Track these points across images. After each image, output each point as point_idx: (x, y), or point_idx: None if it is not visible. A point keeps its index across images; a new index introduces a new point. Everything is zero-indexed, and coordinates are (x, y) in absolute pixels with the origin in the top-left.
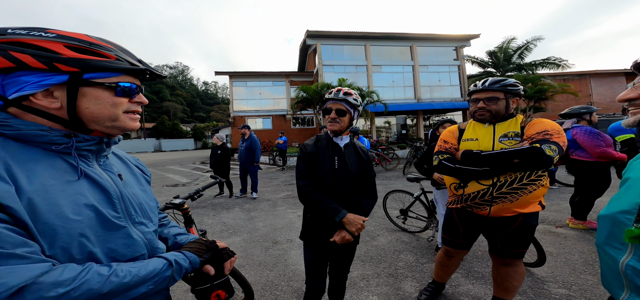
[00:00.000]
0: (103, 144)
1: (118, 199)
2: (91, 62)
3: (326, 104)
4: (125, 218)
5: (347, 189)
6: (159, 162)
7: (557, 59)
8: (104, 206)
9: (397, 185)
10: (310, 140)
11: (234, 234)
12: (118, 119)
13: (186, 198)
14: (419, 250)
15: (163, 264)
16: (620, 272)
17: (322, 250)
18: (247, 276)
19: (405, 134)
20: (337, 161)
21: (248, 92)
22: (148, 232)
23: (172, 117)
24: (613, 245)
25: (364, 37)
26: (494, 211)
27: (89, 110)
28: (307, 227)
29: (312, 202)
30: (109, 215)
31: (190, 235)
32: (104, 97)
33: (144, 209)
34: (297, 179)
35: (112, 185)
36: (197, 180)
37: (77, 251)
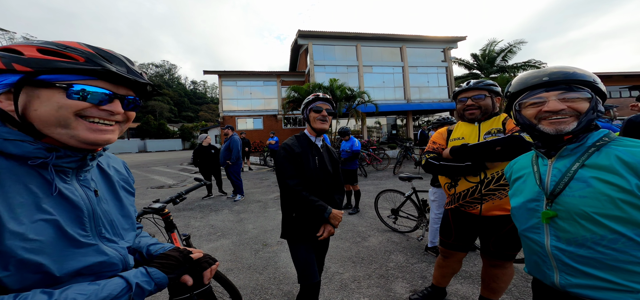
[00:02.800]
0: (87, 161)
1: (89, 217)
2: (47, 62)
3: (316, 102)
4: (94, 235)
5: (327, 187)
6: (144, 163)
7: (537, 62)
8: (71, 225)
9: (387, 184)
10: (291, 141)
11: (223, 236)
12: (69, 126)
13: (167, 202)
14: (409, 250)
15: (121, 288)
16: (548, 254)
17: (311, 245)
18: (236, 280)
19: (395, 134)
20: (317, 161)
21: (238, 92)
22: (118, 249)
23: (158, 117)
24: (533, 230)
25: (355, 38)
26: (484, 209)
27: (36, 112)
28: (293, 225)
29: (302, 201)
30: (76, 234)
31: (167, 246)
32: (54, 98)
33: (115, 225)
34: (284, 178)
35: (85, 202)
36: (184, 181)
37: (31, 272)
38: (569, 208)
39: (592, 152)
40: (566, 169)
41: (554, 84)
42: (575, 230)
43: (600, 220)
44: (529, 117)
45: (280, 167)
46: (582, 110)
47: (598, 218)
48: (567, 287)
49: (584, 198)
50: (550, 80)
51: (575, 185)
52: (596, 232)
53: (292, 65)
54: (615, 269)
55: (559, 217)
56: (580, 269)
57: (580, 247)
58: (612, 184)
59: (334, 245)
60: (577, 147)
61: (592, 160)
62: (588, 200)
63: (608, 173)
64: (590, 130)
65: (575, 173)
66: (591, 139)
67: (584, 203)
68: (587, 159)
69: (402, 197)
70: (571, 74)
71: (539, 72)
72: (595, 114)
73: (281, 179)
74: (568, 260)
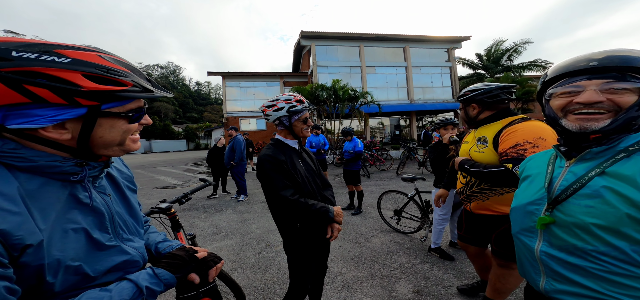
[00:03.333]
0: (107, 167)
1: (110, 221)
2: (111, 93)
3: (303, 113)
4: (114, 236)
5: (318, 187)
6: (149, 163)
7: (543, 61)
8: (96, 230)
9: (390, 185)
10: (270, 150)
11: (227, 236)
12: (124, 143)
13: (173, 202)
14: (412, 251)
15: (133, 293)
16: (536, 259)
17: (316, 253)
18: (240, 279)
19: (398, 135)
20: (302, 164)
21: (242, 93)
22: (140, 247)
23: (163, 118)
24: (525, 234)
25: (358, 38)
26: (473, 207)
27: (102, 139)
28: (300, 237)
29: (304, 209)
30: (102, 238)
31: (174, 243)
32: (119, 125)
33: (129, 225)
34: (277, 191)
35: (105, 207)
36: (188, 182)
37: (72, 274)
38: (570, 218)
39: (620, 157)
40: (582, 174)
41: (602, 71)
42: (569, 238)
43: (597, 233)
44: (555, 109)
45: (268, 181)
46: (625, 105)
47: (596, 230)
48: (550, 292)
49: (590, 209)
50: (599, 66)
51: (584, 193)
52: (590, 242)
53: (295, 66)
54: (601, 279)
55: (557, 224)
56: (566, 276)
57: (570, 254)
58: (625, 196)
59: (337, 246)
60: (605, 151)
61: (615, 167)
62: (595, 211)
63: (626, 184)
64: (628, 131)
65: (589, 181)
66: (625, 143)
67: (588, 213)
68: (610, 166)
69: (405, 198)
70: (628, 58)
71: (586, 55)
72: (637, 111)
73: (273, 193)
74: (556, 266)
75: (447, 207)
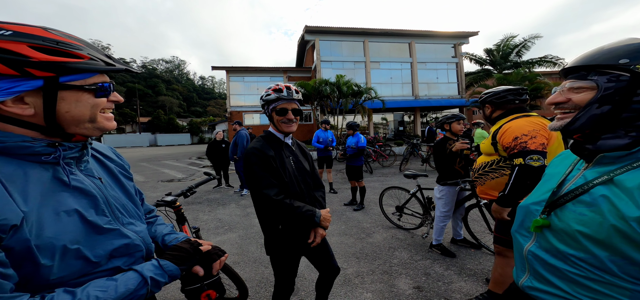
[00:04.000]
0: (85, 149)
1: (105, 204)
2: (68, 64)
3: (278, 103)
4: (114, 219)
5: (308, 187)
6: (154, 156)
7: (554, 57)
8: (92, 213)
9: (393, 181)
10: (259, 143)
11: (230, 230)
12: (96, 120)
13: (179, 195)
14: (414, 247)
15: (138, 282)
16: (523, 257)
17: (298, 254)
18: (242, 273)
19: (402, 131)
20: (293, 161)
21: (245, 88)
22: (140, 231)
23: (167, 112)
24: (522, 232)
25: (362, 33)
26: (479, 193)
27: (69, 114)
28: (280, 239)
29: (287, 211)
30: (101, 222)
31: (180, 235)
32: (85, 99)
33: (129, 209)
34: (260, 188)
35: (97, 190)
36: (193, 175)
37: (73, 258)
38: (562, 223)
39: (637, 166)
40: (589, 179)
41: (575, 71)
42: (557, 242)
43: (581, 240)
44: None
45: (252, 176)
46: (581, 103)
47: (579, 237)
48: (527, 288)
49: (582, 217)
50: (572, 66)
51: (584, 199)
52: (573, 248)
53: (299, 61)
54: (574, 282)
55: (551, 229)
56: (545, 276)
57: (553, 257)
58: (617, 208)
59: (338, 241)
60: (624, 156)
61: (623, 176)
62: (583, 219)
63: (623, 197)
64: (611, 130)
65: (591, 187)
66: None
67: (578, 221)
68: (620, 174)
69: (407, 194)
70: (597, 55)
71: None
72: (606, 108)
73: (256, 190)
74: (538, 267)
75: (449, 205)
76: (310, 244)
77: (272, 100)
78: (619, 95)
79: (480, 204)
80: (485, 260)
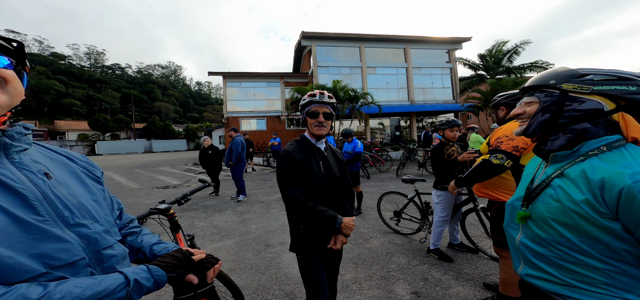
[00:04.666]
0: (2, 138)
1: (38, 201)
2: None
3: (310, 107)
4: (54, 220)
5: (335, 193)
6: (149, 163)
7: (544, 63)
8: (19, 209)
9: (390, 186)
10: (292, 146)
11: (226, 237)
12: None
13: (172, 203)
14: (411, 252)
15: (118, 283)
16: (516, 248)
17: (321, 258)
18: (238, 280)
19: (398, 136)
20: (323, 166)
21: (242, 93)
22: (87, 233)
23: (163, 118)
24: (512, 226)
25: (358, 39)
26: (474, 188)
27: None
28: (302, 238)
29: (309, 212)
30: (29, 219)
31: (169, 245)
32: None
33: (86, 208)
34: (287, 188)
35: (28, 185)
36: (188, 182)
37: None
38: (537, 212)
39: (578, 161)
40: (548, 175)
41: (528, 90)
42: (537, 230)
43: (553, 225)
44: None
45: (282, 177)
46: (532, 113)
47: (552, 222)
48: (525, 276)
49: (547, 204)
50: (524, 87)
51: (548, 192)
52: (550, 233)
53: (296, 67)
54: (558, 266)
55: (531, 218)
56: (535, 263)
57: (538, 244)
58: (568, 195)
59: None
60: (569, 155)
61: (570, 169)
62: (549, 206)
63: (571, 184)
64: (555, 132)
65: (551, 180)
66: (585, 148)
67: (547, 208)
68: (568, 168)
69: (405, 199)
70: (534, 80)
71: None
72: (547, 116)
73: (284, 190)
74: (528, 255)
75: (447, 210)
76: (330, 249)
77: (306, 104)
78: (554, 106)
79: (477, 208)
80: (482, 265)
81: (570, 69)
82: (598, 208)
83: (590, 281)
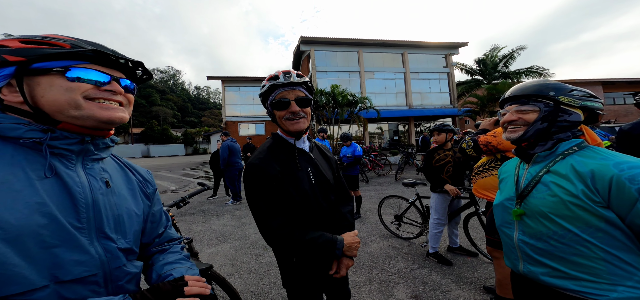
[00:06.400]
0: (88, 145)
1: (85, 207)
2: (37, 50)
3: (274, 94)
4: (89, 229)
5: (330, 204)
6: (147, 168)
7: (539, 68)
8: (64, 212)
9: (389, 190)
10: (262, 155)
11: (224, 241)
12: (81, 107)
13: (171, 206)
14: (411, 256)
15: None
16: (515, 246)
17: (319, 291)
18: (237, 284)
19: (397, 140)
20: (312, 173)
21: (241, 98)
22: (113, 249)
23: (161, 122)
24: (506, 225)
25: (357, 44)
26: (472, 189)
27: (44, 98)
28: (296, 273)
29: (298, 246)
30: (67, 223)
31: (177, 269)
32: (57, 83)
33: (122, 222)
34: (263, 216)
35: (84, 191)
36: (186, 186)
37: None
38: (532, 208)
39: (559, 159)
40: (535, 174)
41: (513, 99)
42: (536, 226)
43: (554, 218)
44: (503, 126)
45: (254, 202)
46: (530, 120)
47: (552, 216)
48: (528, 273)
49: (543, 199)
50: (509, 96)
51: (540, 188)
52: (550, 228)
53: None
54: (562, 259)
55: (526, 215)
56: (537, 259)
57: (538, 240)
58: (564, 188)
59: None
60: (548, 155)
61: (555, 167)
62: (546, 201)
63: (563, 179)
64: (547, 138)
65: (541, 178)
66: (561, 148)
67: (543, 203)
68: (552, 166)
69: (406, 203)
70: (525, 88)
71: (511, 89)
72: (545, 124)
73: (259, 220)
74: (529, 251)
75: (440, 212)
76: (332, 275)
77: (268, 93)
78: (550, 116)
79: (478, 211)
80: (482, 268)
81: (561, 83)
82: (592, 197)
83: (594, 271)
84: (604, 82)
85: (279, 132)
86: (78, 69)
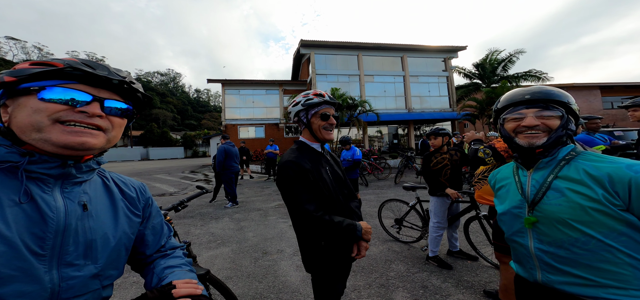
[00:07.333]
0: (70, 169)
1: (54, 233)
2: (25, 70)
3: (320, 108)
4: (51, 256)
5: (345, 198)
6: (146, 170)
7: (537, 72)
8: (27, 239)
9: (388, 194)
10: (295, 155)
11: (223, 244)
12: (42, 130)
13: (169, 209)
14: (410, 260)
15: None
16: (531, 255)
17: (343, 271)
18: (235, 288)
19: (396, 144)
20: (330, 172)
21: (241, 101)
22: (74, 277)
23: (161, 125)
24: (518, 234)
25: (356, 47)
26: (476, 196)
27: (16, 119)
28: (323, 256)
29: (328, 227)
30: (27, 251)
31: (174, 273)
32: (29, 103)
33: (95, 247)
34: (301, 205)
35: (58, 216)
36: (185, 189)
37: None
38: (547, 215)
39: (562, 165)
40: (543, 180)
41: (533, 102)
42: (554, 233)
43: (575, 225)
44: (509, 130)
45: (290, 191)
46: (554, 127)
47: (572, 223)
48: (547, 283)
49: (559, 206)
50: (531, 98)
51: (552, 194)
52: (571, 235)
53: (294, 74)
54: (587, 267)
55: (540, 222)
56: (558, 268)
57: (559, 248)
58: (582, 194)
59: None
60: (551, 161)
61: (564, 172)
62: (563, 208)
63: (579, 185)
64: (559, 145)
65: (550, 184)
66: (561, 154)
67: (560, 210)
68: (559, 172)
69: (406, 206)
70: (549, 93)
71: (523, 90)
72: (564, 132)
73: (296, 206)
74: (549, 260)
75: (438, 216)
76: (354, 257)
77: (315, 104)
78: (565, 124)
79: (479, 215)
80: (482, 272)
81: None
82: (613, 201)
83: (621, 277)
84: (602, 86)
85: (301, 138)
86: (55, 89)
